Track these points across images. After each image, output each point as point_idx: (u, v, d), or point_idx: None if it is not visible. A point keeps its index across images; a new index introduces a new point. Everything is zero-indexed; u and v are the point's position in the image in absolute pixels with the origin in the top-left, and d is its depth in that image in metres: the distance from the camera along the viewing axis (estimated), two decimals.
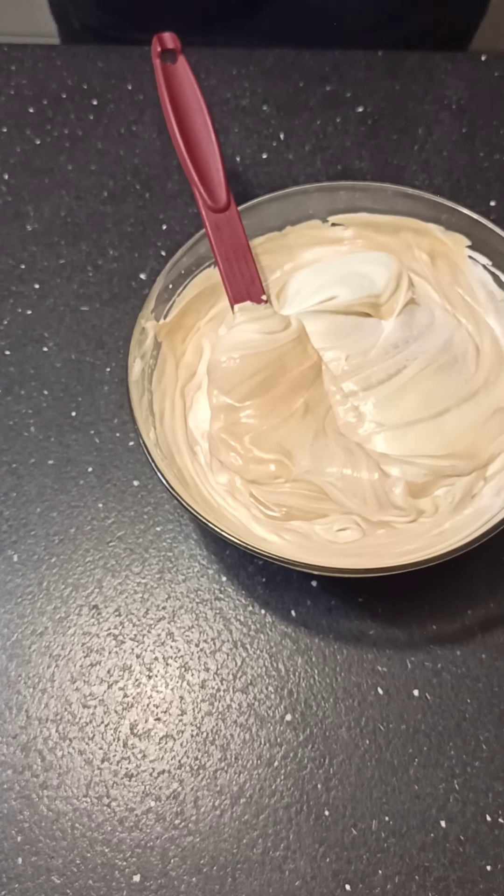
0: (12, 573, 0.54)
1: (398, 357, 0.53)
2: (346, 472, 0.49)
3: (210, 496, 0.51)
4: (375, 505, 0.49)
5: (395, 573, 0.46)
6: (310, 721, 0.49)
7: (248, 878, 0.45)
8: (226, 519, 0.50)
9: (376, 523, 0.49)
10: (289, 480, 0.50)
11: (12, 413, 0.59)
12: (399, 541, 0.49)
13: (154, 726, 0.49)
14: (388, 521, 0.49)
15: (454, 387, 0.53)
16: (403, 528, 0.49)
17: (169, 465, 0.50)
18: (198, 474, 0.52)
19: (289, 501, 0.50)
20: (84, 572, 0.54)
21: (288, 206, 0.57)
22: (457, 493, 0.49)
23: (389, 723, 0.49)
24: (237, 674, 0.50)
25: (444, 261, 0.58)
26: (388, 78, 0.71)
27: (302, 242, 0.59)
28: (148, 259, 0.64)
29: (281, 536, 0.49)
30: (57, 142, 0.70)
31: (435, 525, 0.49)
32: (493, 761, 0.47)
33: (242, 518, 0.50)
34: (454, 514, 0.49)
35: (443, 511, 0.49)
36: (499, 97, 0.69)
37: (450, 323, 0.55)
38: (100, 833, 0.47)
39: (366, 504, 0.49)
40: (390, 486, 0.49)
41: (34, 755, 0.49)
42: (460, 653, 0.50)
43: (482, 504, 0.49)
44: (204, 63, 0.72)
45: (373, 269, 0.56)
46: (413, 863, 0.45)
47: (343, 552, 0.49)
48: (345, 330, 0.54)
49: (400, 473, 0.49)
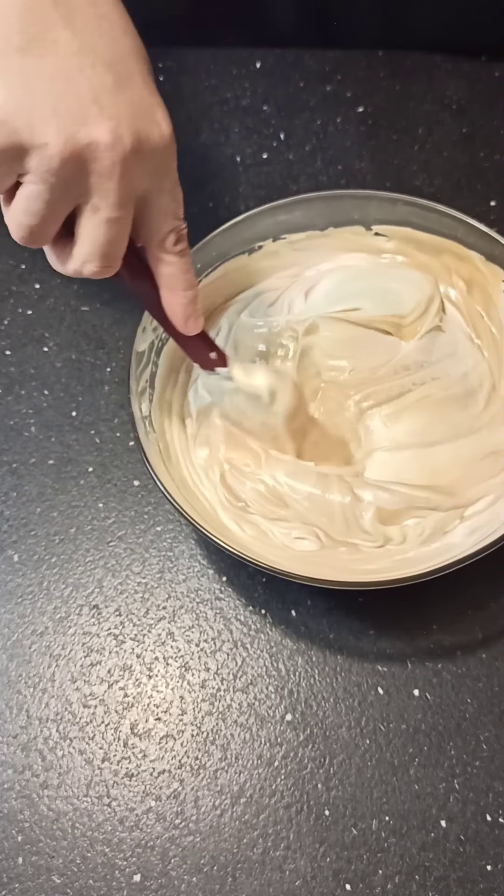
0: (13, 573, 0.54)
1: (406, 380, 0.53)
2: (315, 492, 0.49)
3: (188, 473, 0.52)
4: (343, 526, 0.49)
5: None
6: (310, 721, 0.49)
7: (248, 878, 0.45)
8: (196, 500, 0.50)
9: (339, 542, 0.49)
10: (256, 476, 0.51)
11: (13, 413, 0.59)
12: (359, 559, 0.49)
13: (154, 726, 0.49)
14: (354, 543, 0.49)
15: (457, 420, 0.52)
16: (367, 549, 0.49)
17: (157, 438, 0.51)
18: (181, 447, 0.52)
19: (253, 498, 0.50)
20: (84, 572, 0.54)
21: (334, 206, 0.56)
22: (427, 526, 0.49)
23: (390, 722, 0.49)
24: (237, 673, 0.50)
25: (480, 291, 0.56)
26: (388, 78, 0.71)
27: (342, 246, 0.58)
28: None
29: (241, 527, 0.50)
30: None
31: (399, 552, 0.49)
32: (493, 761, 0.47)
33: (211, 500, 0.51)
34: (421, 545, 0.49)
35: (410, 541, 0.49)
36: (499, 97, 0.69)
37: (473, 354, 0.55)
38: (100, 833, 0.47)
39: (333, 524, 0.49)
40: (361, 510, 0.49)
41: (34, 755, 0.49)
42: (460, 653, 0.50)
43: (452, 542, 0.49)
44: (204, 63, 0.72)
45: (405, 288, 0.55)
46: (413, 862, 0.45)
47: (299, 558, 0.49)
48: (359, 342, 0.54)
49: (373, 499, 0.49)
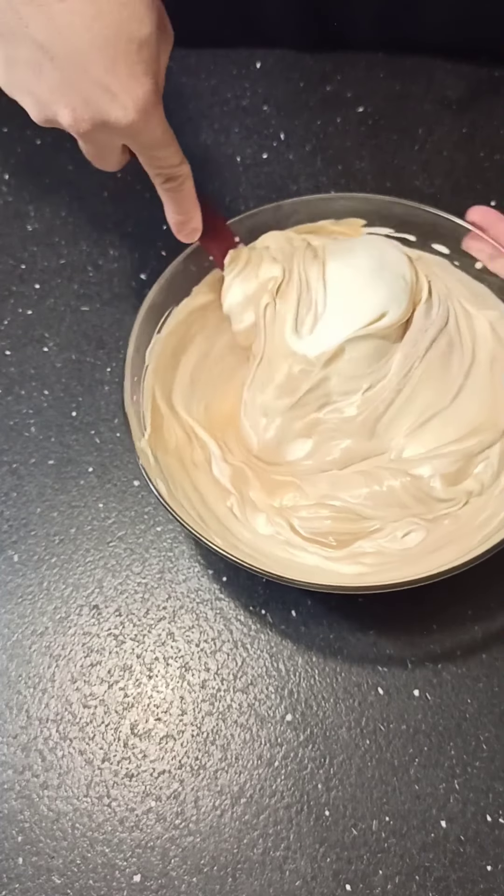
0: (13, 573, 0.54)
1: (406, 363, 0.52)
2: (374, 489, 0.49)
3: (255, 541, 0.49)
4: (421, 506, 0.49)
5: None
6: (310, 721, 0.49)
7: (248, 878, 0.45)
8: (294, 571, 0.48)
9: (433, 519, 0.49)
10: (310, 503, 0.50)
11: (13, 413, 0.59)
12: (459, 527, 0.48)
13: (154, 726, 0.49)
14: (444, 514, 0.49)
15: (456, 369, 0.52)
16: (462, 512, 0.49)
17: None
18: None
19: (329, 529, 0.49)
20: (84, 572, 0.54)
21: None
22: (493, 462, 0.49)
23: (390, 723, 0.49)
24: (238, 674, 0.50)
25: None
26: (388, 78, 0.71)
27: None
28: (148, 259, 0.64)
29: (360, 563, 0.48)
30: (57, 142, 0.70)
31: (482, 503, 0.49)
32: (493, 761, 0.47)
33: (312, 561, 0.49)
34: (498, 480, 0.49)
35: (487, 484, 0.49)
36: (499, 97, 0.69)
37: (443, 306, 0.53)
38: (100, 833, 0.47)
39: (408, 509, 0.49)
40: (427, 484, 0.49)
41: (34, 755, 0.49)
42: (460, 653, 0.50)
43: None
44: (204, 63, 0.72)
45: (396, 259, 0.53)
46: (413, 863, 0.45)
47: (419, 554, 0.48)
48: (381, 351, 0.51)
49: (431, 470, 0.49)
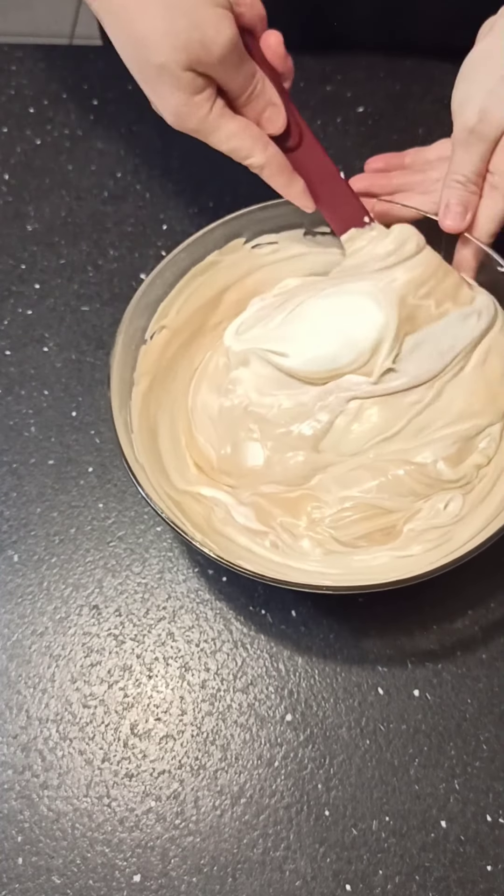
0: (13, 573, 0.54)
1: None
2: (382, 480, 0.49)
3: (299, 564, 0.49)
4: (431, 489, 0.49)
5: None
6: (310, 721, 0.49)
7: (248, 878, 0.45)
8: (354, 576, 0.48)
9: (461, 488, 0.49)
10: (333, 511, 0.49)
11: (13, 413, 0.59)
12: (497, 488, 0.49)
13: (154, 726, 0.49)
14: (466, 486, 0.49)
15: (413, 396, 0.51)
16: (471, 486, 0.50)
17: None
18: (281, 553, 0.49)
19: (364, 532, 0.49)
20: (84, 572, 0.54)
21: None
22: (495, 438, 0.50)
23: (390, 723, 0.49)
24: (237, 674, 0.50)
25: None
26: (388, 78, 0.71)
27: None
28: (148, 259, 0.64)
29: (419, 544, 0.48)
30: (57, 142, 0.70)
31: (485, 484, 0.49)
32: (493, 761, 0.47)
33: (375, 562, 0.48)
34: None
35: (492, 454, 0.50)
36: None
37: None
38: (100, 833, 0.47)
39: (421, 494, 0.49)
40: (434, 469, 0.49)
41: (34, 755, 0.49)
42: (460, 653, 0.50)
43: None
44: None
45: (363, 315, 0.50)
46: (413, 863, 0.45)
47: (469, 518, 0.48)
48: (284, 384, 0.51)
49: (432, 455, 0.49)
